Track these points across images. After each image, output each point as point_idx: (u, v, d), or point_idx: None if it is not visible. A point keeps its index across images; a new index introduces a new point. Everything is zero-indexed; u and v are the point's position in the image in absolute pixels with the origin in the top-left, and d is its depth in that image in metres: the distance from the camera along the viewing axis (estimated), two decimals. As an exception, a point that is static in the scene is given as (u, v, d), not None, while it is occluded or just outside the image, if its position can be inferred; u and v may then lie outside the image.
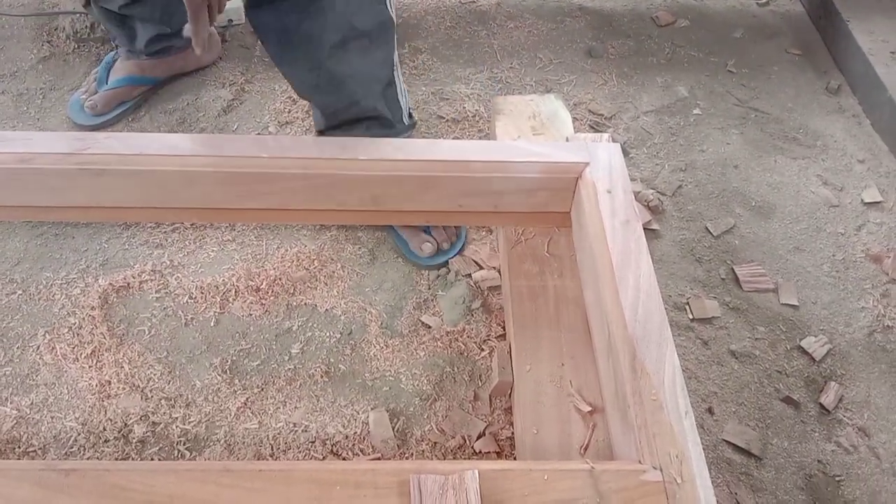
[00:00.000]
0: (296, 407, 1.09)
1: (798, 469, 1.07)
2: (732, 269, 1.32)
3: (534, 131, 1.28)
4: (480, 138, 1.50)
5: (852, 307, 1.28)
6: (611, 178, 1.10)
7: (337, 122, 1.25)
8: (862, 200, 1.46)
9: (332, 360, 1.14)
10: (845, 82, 1.74)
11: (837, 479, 1.06)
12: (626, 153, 1.52)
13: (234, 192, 1.15)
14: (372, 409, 1.09)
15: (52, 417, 1.06)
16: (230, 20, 1.75)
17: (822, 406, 1.14)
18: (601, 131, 1.57)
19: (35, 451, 1.02)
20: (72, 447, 1.03)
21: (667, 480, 0.78)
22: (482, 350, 1.16)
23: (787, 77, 1.76)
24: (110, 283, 1.21)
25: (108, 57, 1.54)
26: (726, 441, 1.09)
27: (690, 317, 1.24)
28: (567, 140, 1.23)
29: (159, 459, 1.02)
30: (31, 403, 1.07)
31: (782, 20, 1.94)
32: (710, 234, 1.38)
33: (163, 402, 1.08)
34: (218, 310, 1.19)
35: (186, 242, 1.29)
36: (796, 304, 1.27)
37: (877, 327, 1.25)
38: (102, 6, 1.43)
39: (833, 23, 1.83)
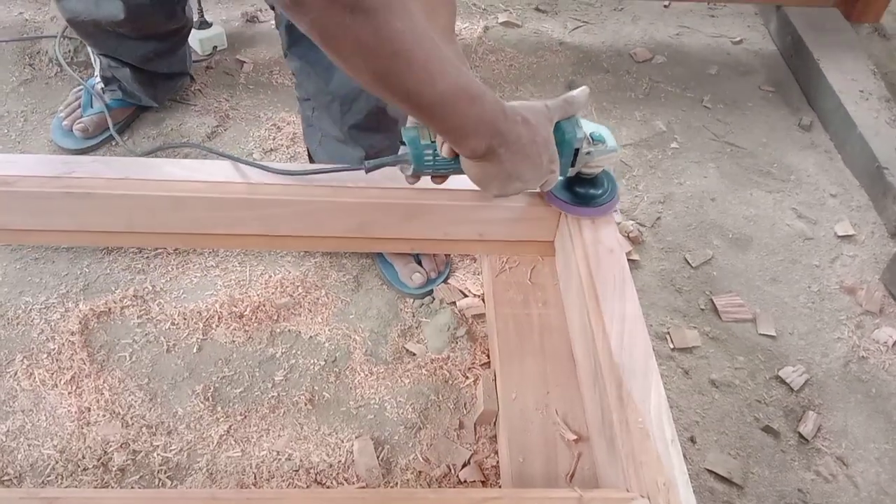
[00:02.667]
0: (279, 435, 1.08)
1: (779, 498, 1.08)
2: (711, 299, 1.34)
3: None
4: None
5: (828, 338, 1.30)
6: (595, 209, 1.12)
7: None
8: (835, 233, 1.50)
9: (316, 387, 1.14)
10: (817, 119, 1.80)
11: (817, 507, 1.07)
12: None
13: (220, 217, 1.15)
14: (356, 437, 1.08)
15: (28, 445, 1.04)
16: (215, 46, 1.76)
17: (801, 435, 1.15)
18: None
19: (10, 479, 1.00)
20: (49, 475, 1.00)
21: (654, 508, 0.78)
22: (467, 378, 1.16)
23: (761, 113, 1.81)
24: (91, 309, 1.19)
25: (91, 81, 1.53)
26: (709, 470, 1.10)
27: (671, 346, 1.26)
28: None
29: (140, 488, 1.00)
30: (8, 431, 1.05)
31: (756, 58, 1.99)
32: (689, 264, 1.41)
33: (143, 429, 1.06)
34: (200, 336, 1.18)
35: (169, 268, 1.28)
36: (774, 334, 1.30)
37: (852, 358, 1.27)
38: (124, 61, 1.45)
39: (804, 62, 1.88)
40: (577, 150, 0.94)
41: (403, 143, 0.93)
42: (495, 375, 1.12)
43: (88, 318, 1.19)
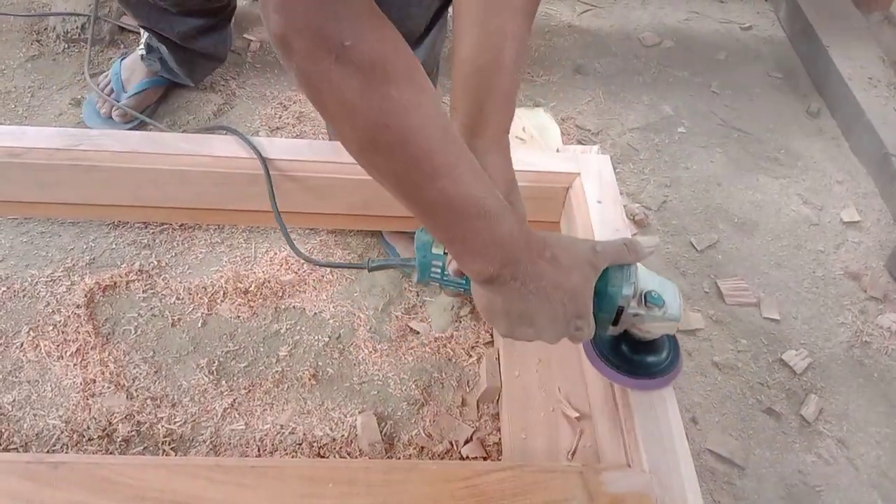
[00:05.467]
0: (283, 409, 1.08)
1: (779, 479, 1.08)
2: (716, 282, 1.34)
3: (524, 143, 1.30)
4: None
5: (832, 322, 1.30)
6: (601, 189, 1.12)
7: None
8: (841, 220, 1.50)
9: (320, 363, 1.14)
10: (825, 106, 1.79)
11: (817, 489, 1.08)
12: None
13: (226, 192, 1.15)
14: (360, 412, 1.08)
15: (34, 415, 1.04)
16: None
17: (802, 418, 1.16)
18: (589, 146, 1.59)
19: (17, 448, 1.01)
20: (54, 445, 1.01)
21: (655, 485, 0.79)
22: (470, 356, 1.16)
23: (769, 99, 1.80)
24: (97, 282, 1.20)
25: (117, 65, 1.51)
26: (710, 450, 1.10)
27: (675, 328, 1.26)
28: (557, 151, 1.25)
29: (143, 459, 1.00)
30: (14, 401, 1.06)
31: (764, 44, 1.98)
32: (695, 248, 1.41)
33: (148, 401, 1.07)
34: (205, 311, 1.19)
35: (174, 243, 1.28)
36: (778, 318, 1.30)
37: (855, 342, 1.27)
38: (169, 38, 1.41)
39: (813, 48, 1.87)
40: (621, 308, 0.75)
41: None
42: (498, 354, 1.12)
43: (94, 291, 1.19)
